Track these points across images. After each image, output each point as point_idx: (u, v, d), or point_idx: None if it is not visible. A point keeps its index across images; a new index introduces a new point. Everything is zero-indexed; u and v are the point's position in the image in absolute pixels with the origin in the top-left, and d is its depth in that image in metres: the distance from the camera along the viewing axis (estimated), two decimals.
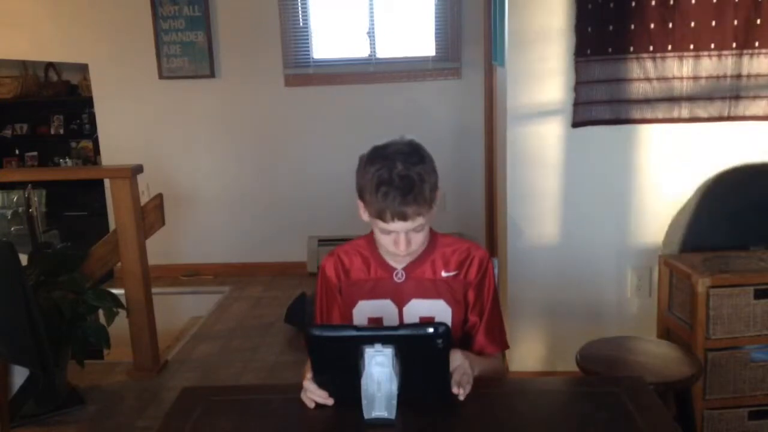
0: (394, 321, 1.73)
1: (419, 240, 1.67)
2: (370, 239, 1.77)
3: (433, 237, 1.77)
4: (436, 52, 4.87)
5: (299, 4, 4.86)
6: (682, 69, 2.83)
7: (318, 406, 1.49)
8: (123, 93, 5.03)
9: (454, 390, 1.48)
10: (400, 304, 1.74)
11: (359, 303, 1.75)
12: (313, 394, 1.49)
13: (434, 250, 1.75)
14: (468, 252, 1.76)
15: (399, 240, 1.63)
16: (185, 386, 1.86)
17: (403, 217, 1.58)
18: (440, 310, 1.74)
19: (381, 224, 1.62)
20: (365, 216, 1.67)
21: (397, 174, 1.57)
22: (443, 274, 1.74)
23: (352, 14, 4.92)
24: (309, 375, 1.50)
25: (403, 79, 4.87)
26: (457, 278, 1.75)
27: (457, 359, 1.53)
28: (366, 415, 1.41)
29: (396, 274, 1.74)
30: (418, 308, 1.74)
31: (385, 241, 1.66)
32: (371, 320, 1.74)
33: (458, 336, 1.75)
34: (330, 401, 1.48)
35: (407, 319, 1.74)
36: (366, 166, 1.62)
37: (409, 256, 1.71)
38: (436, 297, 1.74)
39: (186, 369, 3.64)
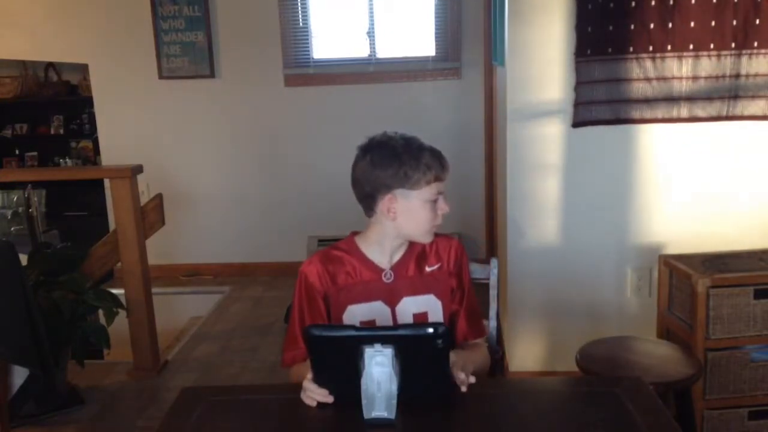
0: (387, 322, 1.74)
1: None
2: (350, 243, 1.78)
3: None
4: (436, 52, 4.87)
5: (299, 4, 4.86)
6: (681, 69, 2.83)
7: (318, 405, 1.49)
8: (123, 93, 5.03)
9: (462, 377, 1.49)
10: (392, 304, 1.75)
11: (349, 308, 1.75)
12: (314, 393, 1.49)
13: (414, 246, 1.79)
14: (444, 243, 1.82)
15: (443, 200, 1.70)
16: (185, 386, 1.86)
17: (443, 171, 1.68)
18: (431, 305, 1.77)
19: (426, 192, 1.66)
20: (394, 206, 1.68)
21: (416, 143, 1.68)
22: (428, 268, 1.79)
23: (352, 14, 4.92)
24: (309, 375, 1.50)
25: (403, 79, 4.87)
26: (441, 270, 1.79)
27: (452, 356, 1.54)
28: (366, 415, 1.41)
29: (385, 275, 1.76)
30: (409, 306, 1.76)
31: (426, 215, 1.69)
32: (363, 324, 1.73)
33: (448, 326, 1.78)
34: (330, 399, 1.48)
35: (400, 318, 1.75)
36: (383, 159, 1.66)
37: (400, 250, 1.75)
38: (426, 292, 1.77)
39: (186, 369, 3.64)
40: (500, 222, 3.62)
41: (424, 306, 1.76)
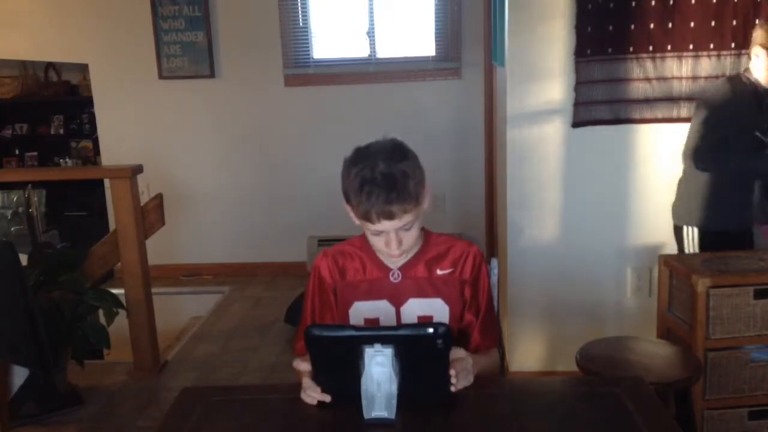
0: (391, 321, 1.73)
1: (410, 238, 1.65)
2: (364, 239, 1.77)
3: (427, 236, 1.76)
4: (436, 52, 4.87)
5: (299, 4, 4.86)
6: (681, 69, 2.83)
7: (318, 405, 1.49)
8: (123, 93, 5.03)
9: (452, 373, 1.47)
10: (398, 304, 1.74)
11: (355, 304, 1.75)
12: (314, 392, 1.49)
13: (428, 248, 1.75)
14: (462, 249, 1.76)
15: (390, 240, 1.61)
16: (185, 386, 1.86)
17: (390, 216, 1.56)
18: (438, 309, 1.74)
19: (369, 225, 1.60)
20: (356, 219, 1.68)
21: (380, 172, 1.54)
22: (439, 272, 1.74)
23: (352, 14, 4.92)
24: (310, 375, 1.50)
25: (403, 79, 4.87)
26: (452, 276, 1.75)
27: (461, 352, 1.54)
28: (366, 415, 1.41)
29: (392, 274, 1.74)
30: (415, 308, 1.73)
31: (376, 242, 1.66)
32: (368, 321, 1.73)
33: (455, 333, 1.74)
34: (329, 397, 1.48)
35: (405, 319, 1.73)
36: (349, 168, 1.60)
37: (405, 254, 1.70)
38: (434, 296, 1.74)
39: (186, 369, 3.64)
40: (500, 222, 3.62)
41: (429, 309, 1.73)
